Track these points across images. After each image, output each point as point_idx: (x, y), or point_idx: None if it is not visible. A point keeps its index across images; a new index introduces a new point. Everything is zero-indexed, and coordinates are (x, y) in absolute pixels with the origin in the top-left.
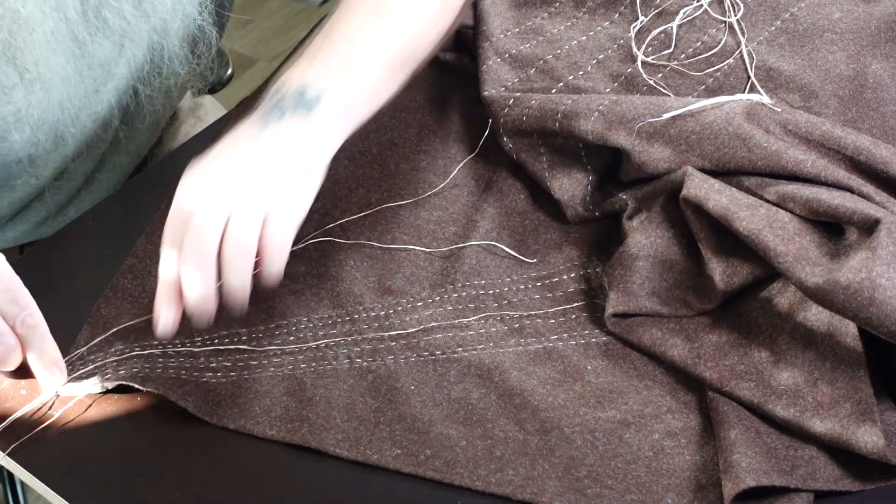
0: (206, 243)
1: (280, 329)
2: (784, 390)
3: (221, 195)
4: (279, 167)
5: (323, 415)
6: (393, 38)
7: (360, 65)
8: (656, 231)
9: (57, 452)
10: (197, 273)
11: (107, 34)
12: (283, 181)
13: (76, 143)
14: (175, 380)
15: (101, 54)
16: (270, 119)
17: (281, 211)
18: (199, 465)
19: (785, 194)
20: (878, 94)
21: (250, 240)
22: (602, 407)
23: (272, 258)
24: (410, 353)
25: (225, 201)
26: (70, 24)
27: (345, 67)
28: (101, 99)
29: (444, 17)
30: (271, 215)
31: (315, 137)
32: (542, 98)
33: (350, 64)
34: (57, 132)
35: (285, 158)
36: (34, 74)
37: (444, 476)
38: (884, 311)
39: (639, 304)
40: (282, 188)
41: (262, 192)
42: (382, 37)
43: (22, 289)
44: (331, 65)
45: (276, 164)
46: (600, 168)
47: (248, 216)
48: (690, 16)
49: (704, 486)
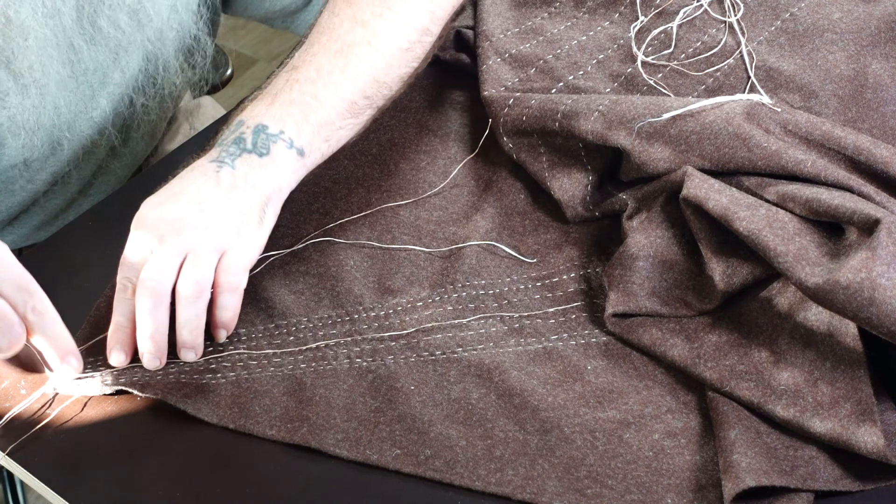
0: (162, 282)
1: (280, 329)
2: (784, 390)
3: (178, 235)
4: (235, 208)
5: (323, 415)
6: (357, 84)
7: (320, 110)
8: (656, 231)
9: (56, 452)
10: (151, 310)
11: (102, 42)
12: (238, 222)
13: (72, 148)
14: (174, 383)
15: (96, 62)
16: (227, 157)
17: (236, 251)
18: (199, 465)
19: (785, 194)
20: (878, 94)
21: (206, 279)
22: (602, 407)
23: (227, 297)
24: (410, 353)
25: (181, 241)
26: (65, 31)
27: (305, 111)
28: (96, 105)
29: (409, 57)
30: (227, 255)
31: (270, 179)
32: (541, 98)
33: (311, 108)
34: (53, 137)
35: (241, 200)
36: (28, 80)
37: (444, 476)
38: (884, 311)
39: (639, 304)
40: (237, 229)
41: (218, 233)
42: (346, 82)
43: (29, 277)
44: (292, 106)
45: (232, 205)
46: (600, 168)
47: (203, 256)
48: (690, 16)
49: (704, 486)
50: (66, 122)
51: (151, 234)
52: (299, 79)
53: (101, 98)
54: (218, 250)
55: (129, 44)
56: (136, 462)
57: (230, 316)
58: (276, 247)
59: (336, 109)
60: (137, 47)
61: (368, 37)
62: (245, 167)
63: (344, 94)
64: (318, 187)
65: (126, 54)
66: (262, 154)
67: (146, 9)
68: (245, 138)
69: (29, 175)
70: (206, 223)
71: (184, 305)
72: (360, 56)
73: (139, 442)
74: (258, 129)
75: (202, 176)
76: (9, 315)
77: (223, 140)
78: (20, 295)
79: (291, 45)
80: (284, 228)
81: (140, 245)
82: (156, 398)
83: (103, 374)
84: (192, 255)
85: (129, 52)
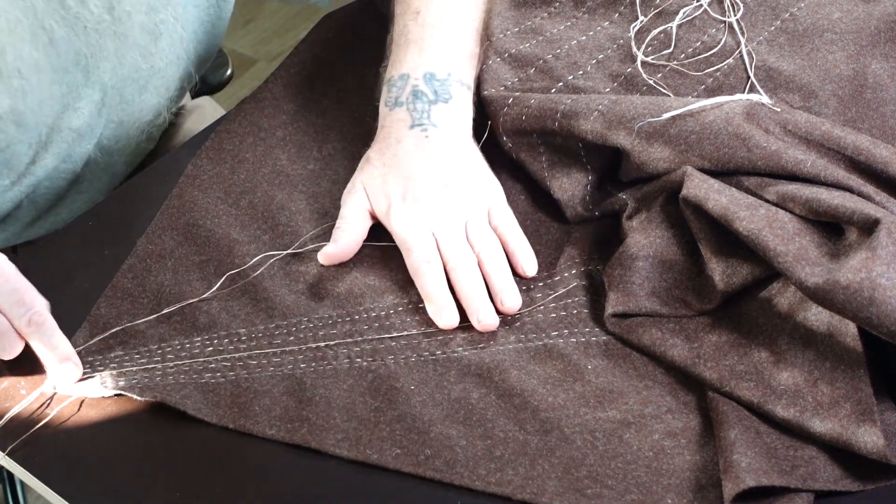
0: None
1: (280, 329)
2: (784, 390)
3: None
4: (466, 165)
5: (323, 415)
6: (474, 12)
7: (463, 45)
8: (656, 231)
9: (56, 452)
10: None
11: (78, 30)
12: (476, 175)
13: (58, 142)
14: (174, 384)
15: (76, 51)
16: (422, 116)
17: (494, 201)
18: (199, 465)
19: (785, 194)
20: (877, 94)
21: (492, 236)
22: (602, 407)
23: (516, 238)
24: (410, 353)
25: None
26: (37, 14)
27: (455, 48)
28: (80, 95)
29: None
30: (492, 209)
31: (464, 120)
32: (541, 97)
33: (457, 45)
34: (36, 128)
35: (463, 154)
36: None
37: (444, 476)
38: (884, 311)
39: (639, 304)
40: (481, 181)
41: (473, 197)
42: (471, 10)
43: (28, 288)
44: (442, 48)
45: (463, 165)
46: (600, 168)
47: (478, 221)
48: (690, 16)
49: (704, 486)
50: (52, 114)
51: (427, 226)
52: (431, 22)
53: (87, 89)
54: (484, 208)
55: (105, 31)
56: (136, 462)
57: (527, 250)
58: (277, 247)
59: (473, 39)
60: (112, 35)
61: None
62: (443, 119)
63: (472, 24)
64: (318, 187)
65: (105, 43)
66: (447, 100)
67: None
68: (423, 90)
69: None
70: (459, 196)
71: (492, 263)
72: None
73: (139, 442)
74: (428, 77)
75: (417, 147)
76: (4, 329)
77: (399, 98)
78: (17, 308)
79: (291, 45)
80: (284, 228)
81: (422, 237)
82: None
83: (102, 376)
84: (469, 224)
85: (107, 40)
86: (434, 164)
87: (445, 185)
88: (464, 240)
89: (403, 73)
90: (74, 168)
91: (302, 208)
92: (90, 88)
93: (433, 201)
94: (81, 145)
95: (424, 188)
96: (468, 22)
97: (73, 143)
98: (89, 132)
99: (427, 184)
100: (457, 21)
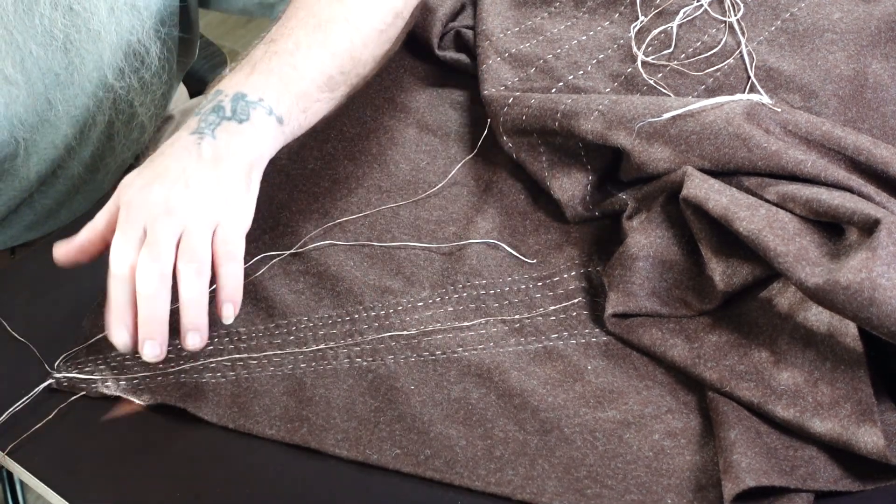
0: (163, 265)
1: (280, 329)
2: (784, 390)
3: (169, 216)
4: (221, 180)
5: (322, 415)
6: (335, 59)
7: (300, 81)
8: (656, 231)
9: (56, 452)
10: (154, 295)
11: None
12: (226, 193)
13: (40, 149)
14: (174, 384)
15: (45, 61)
16: (207, 127)
17: (229, 221)
18: (199, 465)
19: (785, 194)
20: (878, 94)
21: (204, 254)
22: (602, 407)
23: (228, 267)
24: (410, 353)
25: (173, 222)
26: (5, 24)
27: (285, 80)
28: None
29: (383, 38)
30: (220, 227)
31: (252, 145)
32: (541, 97)
33: (290, 78)
34: (14, 137)
35: (226, 171)
36: None
37: (444, 476)
38: (884, 311)
39: (639, 304)
40: (226, 200)
41: (208, 208)
42: (325, 56)
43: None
44: (272, 76)
45: (217, 178)
46: (600, 168)
47: (198, 232)
48: (690, 16)
49: (704, 486)
50: (29, 124)
51: (142, 218)
52: (278, 51)
53: (58, 102)
54: (211, 224)
55: (71, 44)
56: (136, 462)
57: (235, 285)
58: (277, 247)
59: (315, 82)
60: (79, 49)
61: (346, 14)
62: (226, 135)
63: (323, 67)
64: (318, 187)
65: (73, 55)
66: (242, 120)
67: (84, 9)
68: (224, 106)
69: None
70: (195, 200)
71: (186, 284)
72: (337, 32)
73: (139, 442)
74: (237, 96)
75: (184, 150)
76: None
77: (202, 109)
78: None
79: None
80: (284, 228)
81: (131, 230)
82: None
83: (104, 376)
84: (186, 233)
85: (73, 54)
86: (188, 165)
87: (186, 186)
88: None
89: (220, 89)
90: (75, 172)
91: (302, 208)
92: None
93: (164, 192)
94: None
95: (163, 180)
96: (315, 65)
97: (58, 150)
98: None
99: (168, 177)
100: (303, 61)
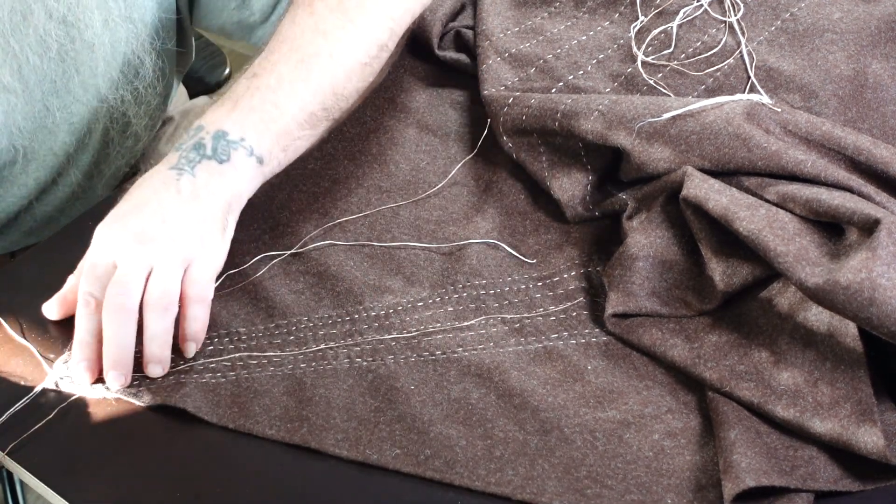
0: (130, 297)
1: (280, 329)
2: (784, 391)
3: (142, 248)
4: (197, 218)
5: (322, 415)
6: (317, 95)
7: (280, 119)
8: (656, 231)
9: (56, 452)
10: (119, 327)
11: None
12: (201, 232)
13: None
14: (174, 385)
15: (40, 70)
16: (187, 164)
17: (201, 262)
18: (199, 465)
19: (785, 194)
20: (878, 94)
21: (173, 292)
22: (602, 407)
23: (195, 309)
24: (410, 353)
25: (145, 255)
26: (3, 33)
27: (266, 119)
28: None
29: (367, 71)
30: (192, 266)
31: (230, 186)
32: (541, 97)
33: (271, 116)
34: (13, 146)
35: (203, 209)
36: None
37: (444, 476)
38: (884, 311)
39: (639, 304)
40: (201, 239)
41: (182, 245)
42: (307, 93)
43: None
44: (253, 113)
45: (194, 216)
46: (600, 168)
47: (169, 269)
48: (690, 16)
49: (704, 486)
50: (27, 131)
51: (114, 248)
52: (260, 86)
53: (56, 110)
54: (183, 262)
55: (66, 54)
56: (136, 462)
57: (199, 327)
58: (277, 247)
59: (296, 119)
60: (74, 59)
61: (329, 49)
62: (205, 174)
63: (304, 104)
64: (318, 187)
65: (68, 64)
66: (223, 161)
67: (78, 20)
68: (205, 144)
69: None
70: (169, 235)
71: (152, 319)
72: (320, 67)
73: (139, 442)
74: (218, 135)
75: (162, 185)
76: None
77: (182, 145)
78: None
79: None
80: (284, 228)
81: (103, 259)
82: None
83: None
84: (157, 268)
85: (68, 63)
86: (165, 199)
87: (163, 221)
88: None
89: (201, 125)
90: (74, 180)
91: (302, 208)
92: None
93: (140, 224)
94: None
95: (140, 212)
96: (297, 102)
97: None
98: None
99: (145, 209)
100: (285, 98)
